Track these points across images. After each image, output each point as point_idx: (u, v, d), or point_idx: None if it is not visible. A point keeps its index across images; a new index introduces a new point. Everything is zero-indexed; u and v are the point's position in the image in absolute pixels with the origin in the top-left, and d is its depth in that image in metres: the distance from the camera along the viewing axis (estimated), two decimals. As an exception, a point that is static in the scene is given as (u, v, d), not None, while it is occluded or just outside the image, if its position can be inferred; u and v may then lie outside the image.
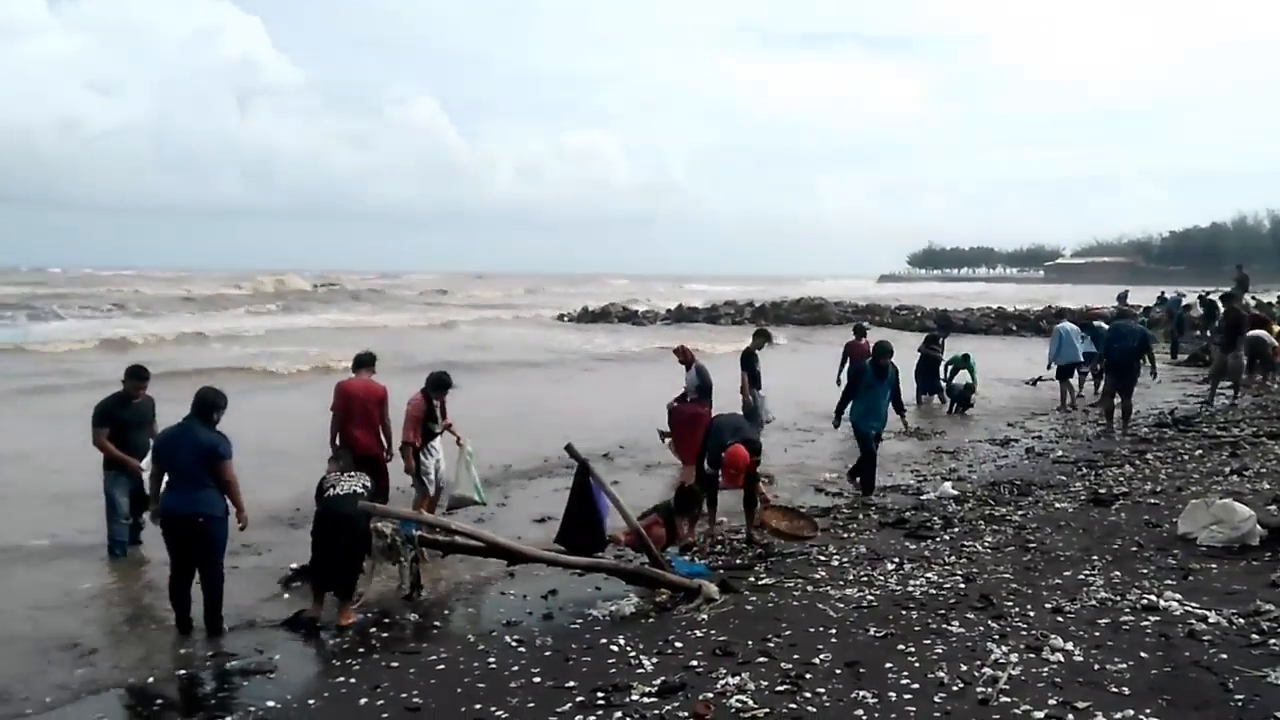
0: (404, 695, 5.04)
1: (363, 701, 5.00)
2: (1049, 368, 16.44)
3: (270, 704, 5.03)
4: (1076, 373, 16.45)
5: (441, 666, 5.46)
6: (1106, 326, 15.67)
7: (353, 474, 6.74)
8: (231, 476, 6.25)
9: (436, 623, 6.38)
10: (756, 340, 12.59)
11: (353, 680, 5.30)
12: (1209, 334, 24.88)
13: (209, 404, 6.40)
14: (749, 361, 12.20)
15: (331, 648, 5.93)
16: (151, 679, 5.50)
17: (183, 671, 5.61)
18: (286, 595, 6.95)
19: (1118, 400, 13.38)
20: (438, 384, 8.72)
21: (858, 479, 10.24)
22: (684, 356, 11.70)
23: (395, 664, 5.53)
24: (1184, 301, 29.47)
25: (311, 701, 5.04)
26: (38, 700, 5.23)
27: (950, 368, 16.54)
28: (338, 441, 8.30)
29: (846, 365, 15.11)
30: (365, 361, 8.71)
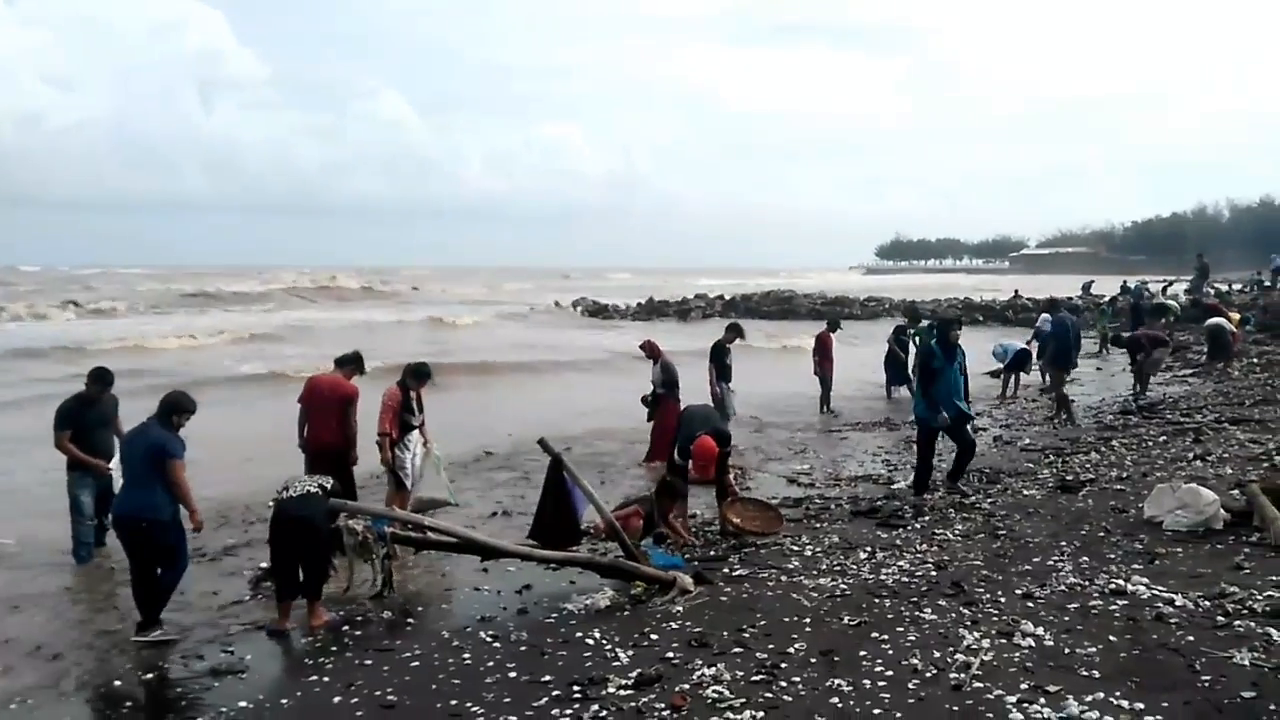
0: (378, 693, 5.00)
1: (336, 700, 4.95)
2: (1005, 365, 16.82)
3: (242, 704, 4.96)
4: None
5: (416, 664, 5.42)
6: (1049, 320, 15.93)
7: (311, 475, 6.65)
8: (178, 477, 6.11)
9: (410, 620, 6.33)
10: (728, 334, 12.62)
11: (326, 679, 5.25)
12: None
13: (172, 405, 6.31)
14: (719, 354, 12.23)
15: (303, 646, 5.86)
16: (119, 681, 5.41)
17: (151, 674, 5.52)
18: (256, 596, 6.86)
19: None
20: (416, 374, 8.55)
21: (922, 480, 9.06)
22: (650, 351, 11.71)
23: (369, 662, 5.48)
24: (1147, 291, 29.95)
25: (284, 701, 4.98)
26: (1, 705, 5.12)
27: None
28: (304, 433, 8.24)
29: (818, 358, 15.29)
30: (344, 360, 8.53)
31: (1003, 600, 5.88)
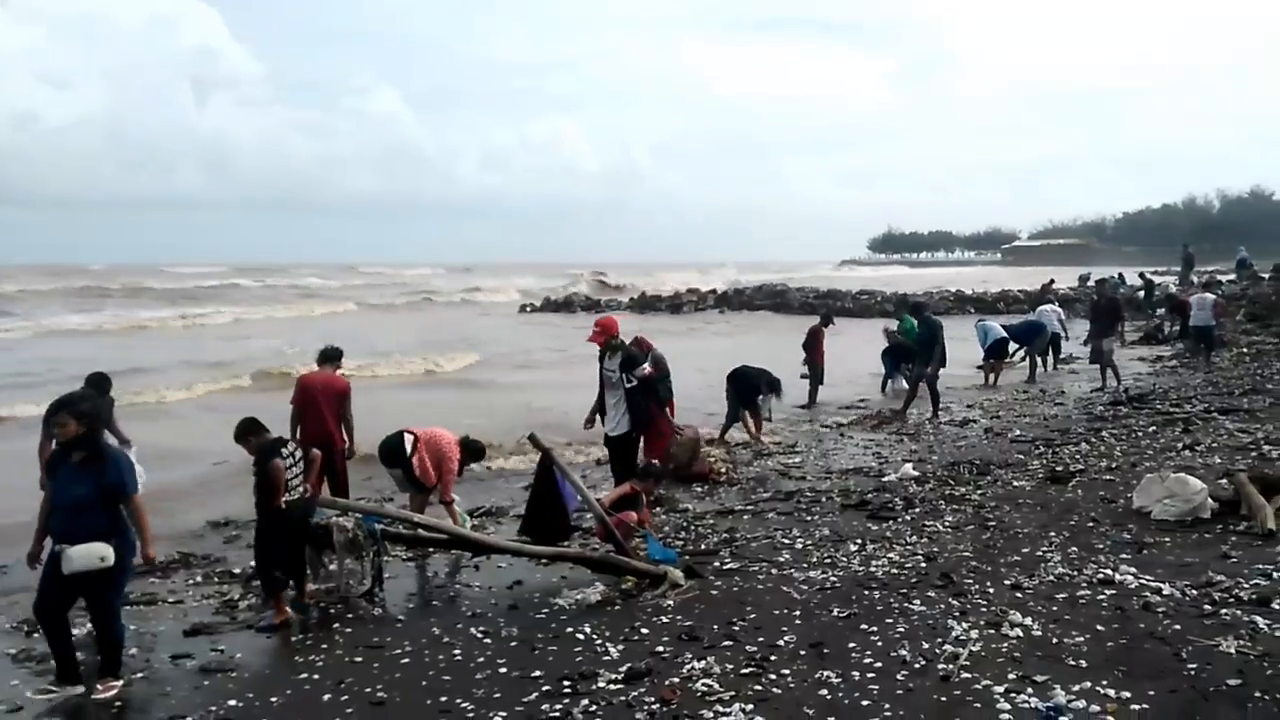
0: (368, 690, 5.00)
1: (326, 698, 4.95)
2: (984, 353, 17.22)
3: (232, 703, 4.95)
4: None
5: (406, 660, 5.42)
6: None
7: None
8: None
9: (400, 617, 6.32)
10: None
11: (316, 677, 5.24)
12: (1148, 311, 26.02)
13: None
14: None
15: (294, 644, 5.85)
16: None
17: (141, 673, 5.50)
18: (246, 595, 6.84)
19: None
20: (473, 454, 8.45)
21: None
22: (641, 347, 11.71)
23: (359, 659, 5.48)
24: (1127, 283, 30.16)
25: (274, 699, 4.97)
26: (-9, 707, 5.11)
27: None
28: (297, 435, 8.23)
29: (807, 352, 15.27)
30: (329, 356, 8.72)
31: (991, 591, 5.91)
